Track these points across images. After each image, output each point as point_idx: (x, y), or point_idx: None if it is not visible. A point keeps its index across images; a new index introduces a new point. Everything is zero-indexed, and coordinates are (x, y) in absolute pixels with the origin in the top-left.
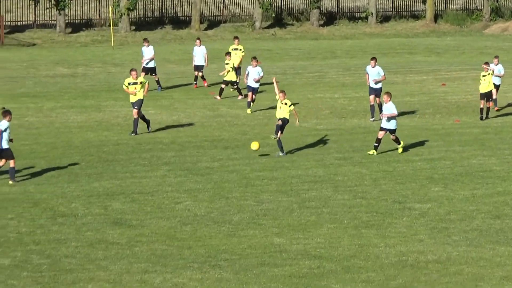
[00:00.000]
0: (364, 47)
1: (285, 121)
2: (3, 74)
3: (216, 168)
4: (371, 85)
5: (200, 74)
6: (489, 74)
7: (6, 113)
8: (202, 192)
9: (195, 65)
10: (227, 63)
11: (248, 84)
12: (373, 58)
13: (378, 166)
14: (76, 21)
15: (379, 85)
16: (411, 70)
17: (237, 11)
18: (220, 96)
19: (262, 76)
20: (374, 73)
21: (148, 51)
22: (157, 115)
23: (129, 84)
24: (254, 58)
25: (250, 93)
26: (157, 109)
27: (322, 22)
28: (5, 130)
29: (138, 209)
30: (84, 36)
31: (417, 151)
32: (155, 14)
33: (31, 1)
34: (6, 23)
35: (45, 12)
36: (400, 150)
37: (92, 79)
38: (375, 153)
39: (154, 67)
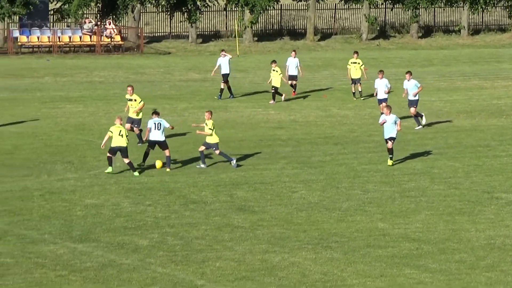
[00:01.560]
0: (457, 56)
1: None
2: (143, 79)
3: (328, 161)
4: (409, 98)
5: (294, 82)
6: None
7: (154, 113)
8: (316, 182)
9: (289, 75)
10: (274, 70)
11: (378, 98)
12: (408, 72)
13: (469, 161)
14: (206, 32)
15: (416, 97)
16: (498, 76)
17: (346, 24)
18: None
19: (390, 87)
20: (411, 86)
21: (224, 61)
22: (276, 115)
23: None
24: (381, 71)
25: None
26: (277, 110)
27: (420, 34)
28: (157, 127)
29: (259, 197)
30: (213, 46)
31: (504, 147)
32: (275, 27)
33: (166, 15)
34: (145, 34)
35: (179, 24)
36: (390, 163)
37: (220, 83)
38: (393, 162)
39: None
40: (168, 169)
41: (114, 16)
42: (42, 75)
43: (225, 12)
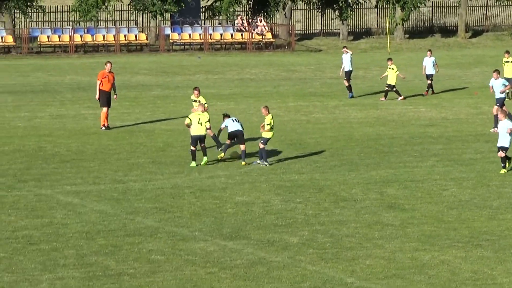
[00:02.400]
0: None
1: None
2: (294, 76)
3: (479, 159)
4: (496, 96)
5: (430, 82)
6: None
7: (226, 116)
8: (466, 180)
9: (426, 74)
10: (391, 68)
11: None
12: (496, 70)
13: None
14: (357, 30)
15: (503, 95)
16: None
17: (498, 21)
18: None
19: (508, 86)
20: (498, 85)
21: (346, 58)
22: (427, 112)
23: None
24: (496, 70)
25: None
26: (428, 107)
27: None
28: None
29: (410, 195)
30: (364, 43)
31: None
32: (426, 24)
33: (318, 12)
34: (296, 31)
35: (330, 22)
36: (503, 171)
37: (371, 80)
38: (505, 171)
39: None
40: (243, 163)
41: (265, 14)
42: (193, 72)
43: (376, 9)
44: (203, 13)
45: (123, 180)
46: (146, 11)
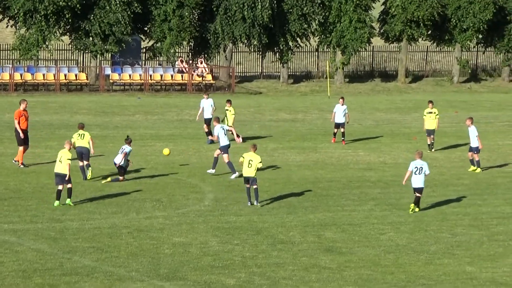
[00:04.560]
0: None
1: None
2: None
3: None
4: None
5: (342, 130)
6: None
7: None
8: (404, 224)
9: (335, 123)
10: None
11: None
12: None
13: None
14: (297, 73)
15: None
16: None
17: (437, 67)
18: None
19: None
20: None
21: (207, 103)
22: (366, 156)
23: None
24: (470, 118)
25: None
26: (366, 151)
27: None
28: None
29: (347, 238)
30: (304, 86)
31: None
32: (366, 68)
33: (258, 55)
34: (237, 73)
35: (271, 65)
36: None
37: (310, 124)
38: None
39: (210, 118)
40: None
41: (205, 55)
42: (133, 112)
43: (317, 52)
44: (144, 54)
45: (60, 219)
46: (86, 51)
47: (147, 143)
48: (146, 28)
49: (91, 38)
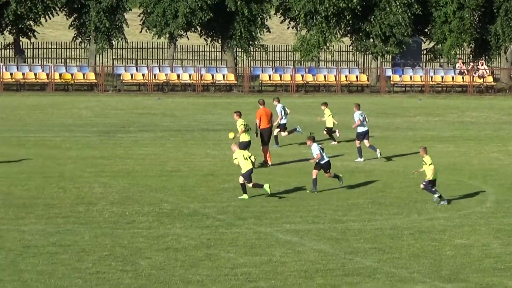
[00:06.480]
0: None
1: None
2: None
3: None
4: None
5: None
6: None
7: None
8: None
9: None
10: None
11: None
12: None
13: None
14: None
15: None
16: None
17: None
18: None
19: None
20: None
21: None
22: None
23: None
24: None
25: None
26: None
27: None
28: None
29: None
30: None
31: None
32: None
33: None
34: None
35: None
36: None
37: None
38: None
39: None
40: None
41: (486, 57)
42: (414, 114)
43: None
44: (424, 55)
45: (342, 220)
46: (367, 52)
47: (428, 144)
48: (426, 30)
49: (371, 40)
